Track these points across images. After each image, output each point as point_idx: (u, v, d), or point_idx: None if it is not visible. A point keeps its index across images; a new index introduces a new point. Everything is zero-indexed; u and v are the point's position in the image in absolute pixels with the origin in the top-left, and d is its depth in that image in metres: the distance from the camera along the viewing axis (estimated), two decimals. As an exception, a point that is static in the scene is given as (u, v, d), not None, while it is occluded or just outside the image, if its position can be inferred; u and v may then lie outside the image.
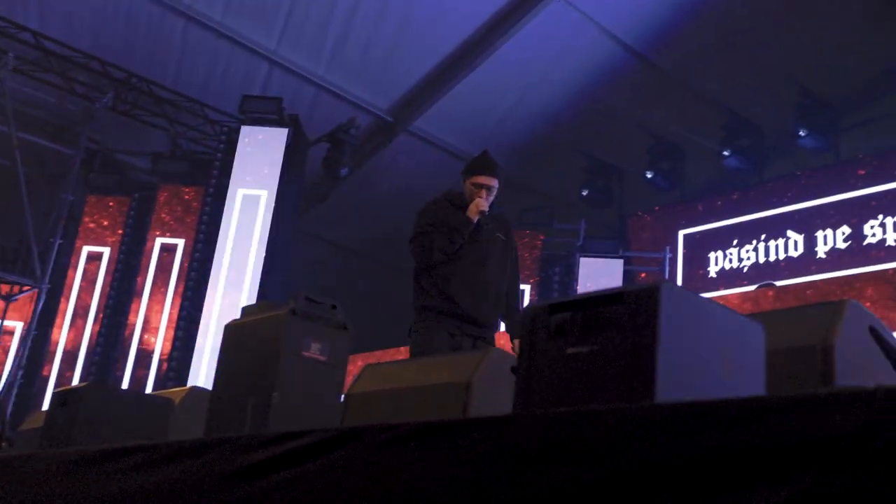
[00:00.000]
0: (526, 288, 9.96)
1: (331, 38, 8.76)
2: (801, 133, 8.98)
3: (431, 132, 10.04)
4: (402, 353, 6.98)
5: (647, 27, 8.90)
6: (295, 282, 9.50)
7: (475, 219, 4.06)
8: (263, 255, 8.11)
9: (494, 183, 4.14)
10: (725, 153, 9.58)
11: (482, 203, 4.07)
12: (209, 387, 2.87)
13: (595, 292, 1.58)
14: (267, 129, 8.47)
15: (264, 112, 8.46)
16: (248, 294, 7.92)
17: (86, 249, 8.95)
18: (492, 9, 8.69)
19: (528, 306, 1.66)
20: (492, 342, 4.22)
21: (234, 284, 7.99)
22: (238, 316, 2.68)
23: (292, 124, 8.58)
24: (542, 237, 10.43)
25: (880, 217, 8.39)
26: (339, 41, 8.81)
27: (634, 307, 1.49)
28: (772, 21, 8.50)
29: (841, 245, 8.58)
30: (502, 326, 4.52)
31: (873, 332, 1.86)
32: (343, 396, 2.70)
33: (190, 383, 7.69)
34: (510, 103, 9.73)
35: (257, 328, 2.38)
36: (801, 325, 1.86)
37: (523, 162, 10.46)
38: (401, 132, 9.88)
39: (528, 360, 1.62)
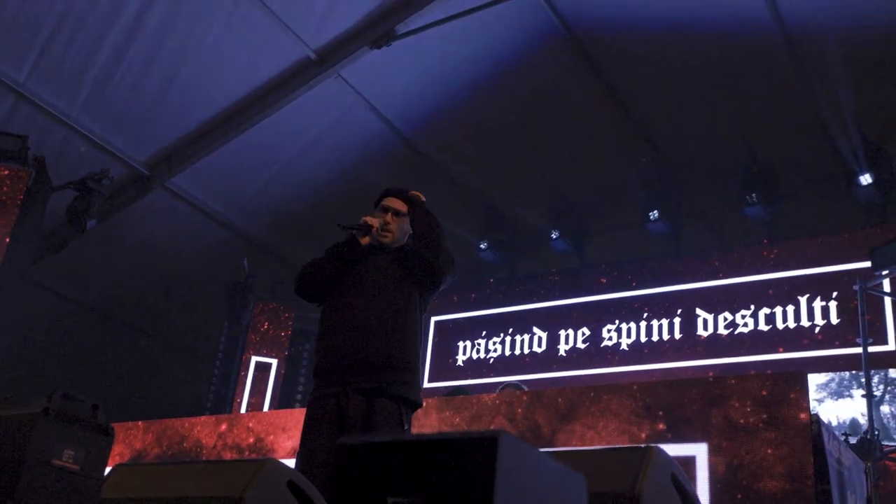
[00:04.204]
0: (273, 362, 9.64)
1: (90, 80, 8.13)
2: (553, 235, 9.48)
3: (189, 191, 9.57)
4: (138, 427, 6.44)
5: (417, 113, 9.08)
6: (19, 335, 8.61)
7: (364, 241, 3.68)
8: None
9: (398, 205, 3.77)
10: (482, 245, 9.91)
11: (376, 221, 3.70)
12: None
13: (423, 436, 1.44)
14: (5, 166, 7.67)
15: (5, 149, 7.66)
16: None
17: None
18: (266, 76, 8.50)
19: (341, 442, 1.49)
20: (403, 393, 3.47)
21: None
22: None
23: (36, 166, 7.84)
24: (293, 311, 10.21)
25: (616, 322, 8.98)
26: (99, 85, 8.20)
27: (468, 457, 1.37)
28: (534, 127, 8.96)
29: (581, 345, 9.07)
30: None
31: (675, 480, 1.87)
32: None
33: None
34: (273, 172, 9.51)
35: (-3, 427, 2.01)
36: (610, 470, 1.83)
37: (282, 233, 10.24)
38: (156, 187, 9.33)
39: (340, 505, 1.45)
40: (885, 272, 7.06)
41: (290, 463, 3.70)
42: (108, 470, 2.49)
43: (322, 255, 3.75)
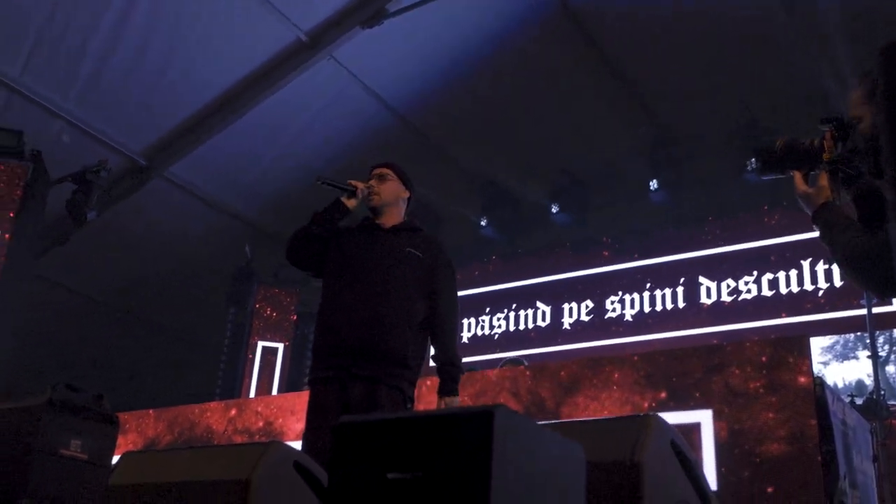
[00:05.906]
0: (280, 346, 9.69)
1: (84, 72, 8.12)
2: (554, 209, 9.47)
3: (188, 179, 9.58)
4: (150, 415, 6.48)
5: (413, 92, 9.04)
6: (26, 330, 8.65)
7: (350, 203, 3.65)
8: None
9: (384, 171, 3.76)
10: (483, 222, 9.91)
11: (361, 184, 3.68)
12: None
13: (421, 412, 1.46)
14: (3, 163, 7.69)
15: (1, 145, 7.67)
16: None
17: None
18: (258, 60, 8.46)
19: (341, 421, 1.51)
20: (401, 385, 3.36)
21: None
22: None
23: (34, 161, 7.85)
24: (298, 294, 10.24)
25: (620, 293, 8.99)
26: (93, 77, 8.19)
27: (465, 431, 1.38)
28: (531, 101, 8.92)
29: (584, 318, 9.09)
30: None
31: (674, 445, 1.89)
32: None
33: None
34: (272, 156, 9.50)
35: (3, 420, 2.04)
36: (609, 439, 1.85)
37: (284, 215, 10.21)
38: (155, 177, 9.34)
39: (340, 484, 1.47)
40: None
41: (298, 445, 3.72)
42: (116, 458, 2.52)
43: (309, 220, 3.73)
